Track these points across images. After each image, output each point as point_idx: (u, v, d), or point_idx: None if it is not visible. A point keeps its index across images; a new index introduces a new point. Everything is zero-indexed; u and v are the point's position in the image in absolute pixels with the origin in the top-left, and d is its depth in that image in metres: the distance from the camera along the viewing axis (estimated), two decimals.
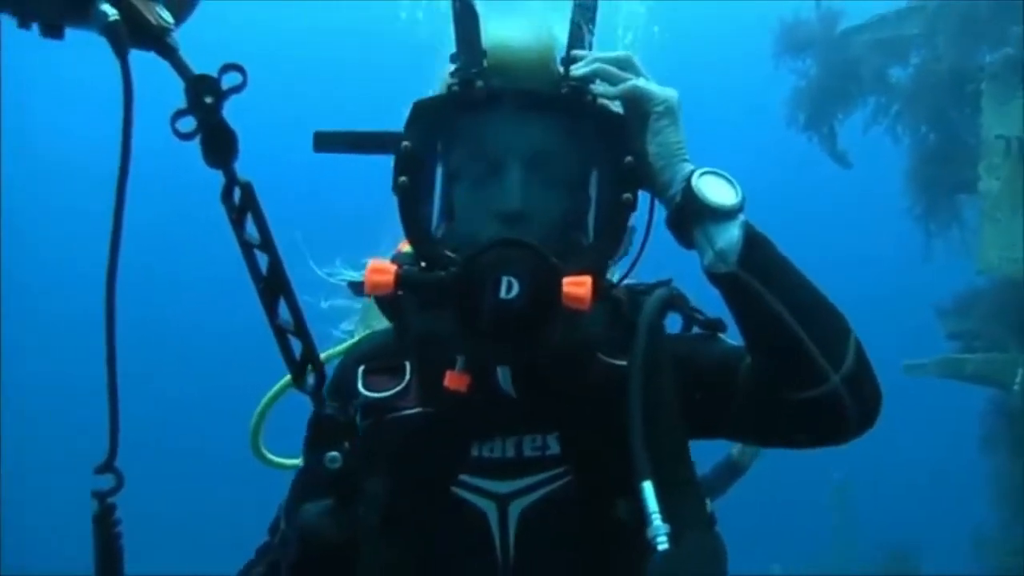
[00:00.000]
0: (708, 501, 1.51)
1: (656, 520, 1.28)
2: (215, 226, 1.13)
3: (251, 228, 1.10)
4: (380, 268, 1.33)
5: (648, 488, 1.29)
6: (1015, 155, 6.64)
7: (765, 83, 8.33)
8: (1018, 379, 6.54)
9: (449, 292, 1.29)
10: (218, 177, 1.04)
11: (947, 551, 7.63)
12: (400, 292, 1.35)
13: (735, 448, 3.60)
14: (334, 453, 1.27)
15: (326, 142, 1.44)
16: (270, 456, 1.84)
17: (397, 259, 1.44)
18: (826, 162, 8.40)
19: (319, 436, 1.29)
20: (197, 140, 0.99)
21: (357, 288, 1.51)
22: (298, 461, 1.58)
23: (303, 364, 1.21)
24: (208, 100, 0.96)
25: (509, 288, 1.25)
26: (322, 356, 1.65)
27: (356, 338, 1.63)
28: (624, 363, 1.39)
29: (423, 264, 1.38)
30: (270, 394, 1.70)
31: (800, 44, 8.23)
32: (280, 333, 1.17)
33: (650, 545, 1.28)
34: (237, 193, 1.05)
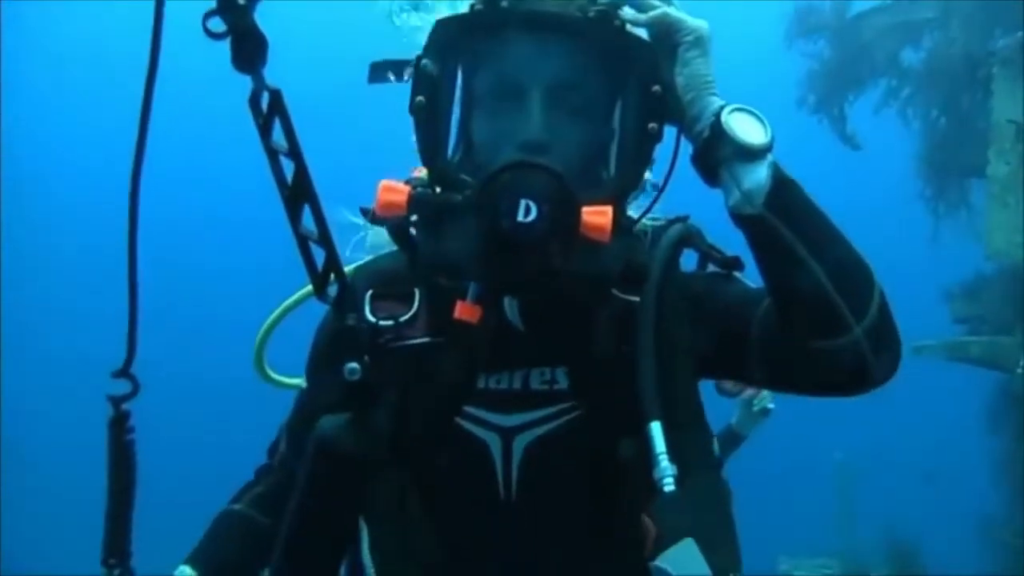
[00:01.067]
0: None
1: (663, 461, 1.26)
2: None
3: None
4: (393, 188, 1.29)
5: (656, 429, 1.28)
6: None
7: (773, 65, 8.31)
8: (1022, 363, 6.54)
9: (464, 214, 1.25)
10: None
11: (951, 534, 7.64)
12: (412, 216, 1.31)
13: (734, 418, 3.63)
14: (354, 364, 1.24)
15: (383, 71, 1.42)
16: (273, 375, 1.86)
17: (410, 181, 1.38)
18: (835, 143, 8.38)
19: (339, 347, 1.26)
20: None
21: (368, 213, 1.46)
22: (300, 381, 1.59)
23: (325, 273, 1.19)
24: (241, 1, 0.97)
25: (527, 211, 1.20)
26: None
27: (364, 260, 1.58)
28: (637, 299, 1.36)
29: (437, 189, 1.34)
30: (276, 313, 1.71)
31: (813, 28, 8.21)
32: (303, 242, 1.16)
33: (656, 486, 1.26)
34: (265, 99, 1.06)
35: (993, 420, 7.24)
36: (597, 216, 1.23)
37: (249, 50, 1.01)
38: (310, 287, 1.67)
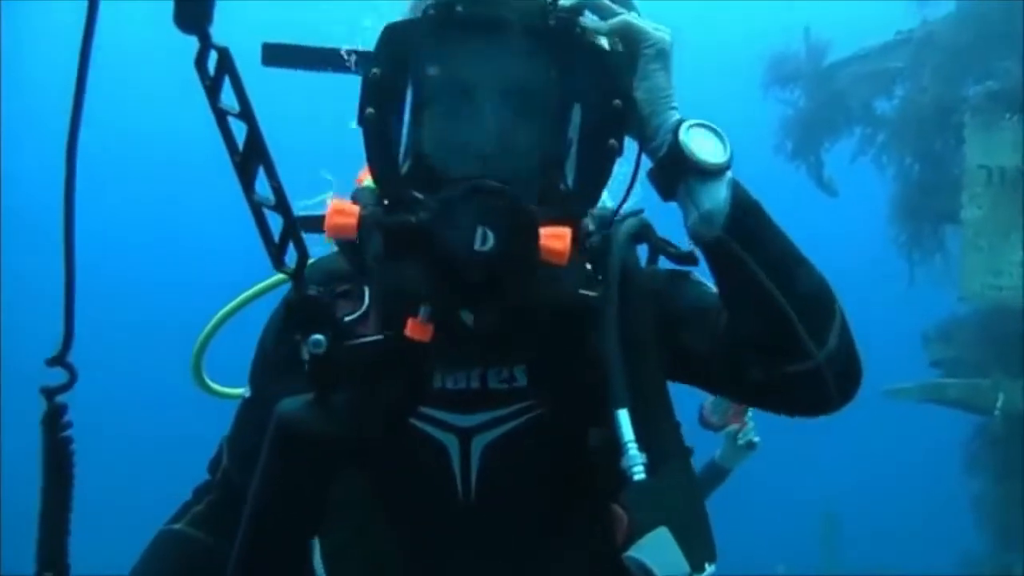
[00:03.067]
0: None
1: (632, 449, 1.22)
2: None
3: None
4: (343, 210, 1.22)
5: (624, 416, 1.24)
6: (997, 185, 6.74)
7: (751, 112, 8.44)
8: (999, 404, 6.56)
9: (418, 239, 1.18)
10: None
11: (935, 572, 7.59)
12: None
13: (718, 452, 3.60)
14: (318, 336, 1.19)
15: (278, 56, 1.34)
16: (213, 385, 1.76)
17: (357, 196, 1.34)
18: (813, 190, 8.48)
19: (301, 320, 1.21)
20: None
21: (311, 224, 1.36)
22: (242, 391, 1.50)
23: (283, 241, 1.13)
24: None
25: (484, 239, 1.14)
26: (272, 280, 1.59)
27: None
28: (594, 294, 1.32)
29: (387, 203, 1.27)
30: (214, 320, 1.63)
31: (788, 76, 8.36)
32: (257, 209, 1.09)
33: (625, 475, 1.22)
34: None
35: (971, 461, 7.23)
36: (555, 241, 1.18)
37: (194, 8, 0.98)
38: (248, 293, 1.63)
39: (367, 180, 1.36)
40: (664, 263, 1.48)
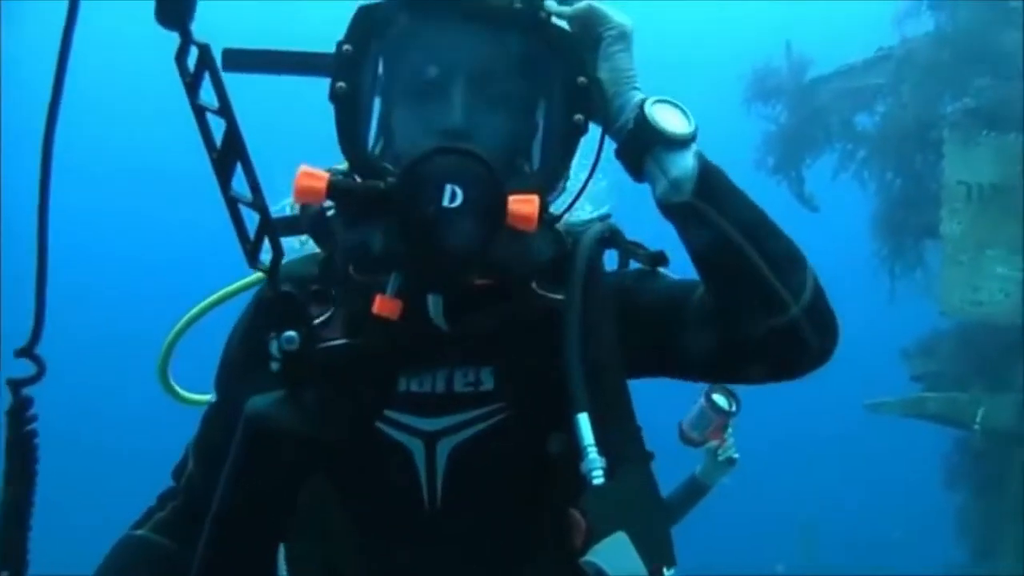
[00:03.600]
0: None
1: (592, 453, 1.23)
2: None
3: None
4: (312, 173, 1.22)
5: (584, 420, 1.25)
6: (976, 200, 6.80)
7: (732, 126, 8.49)
8: (978, 419, 6.60)
9: (386, 201, 1.20)
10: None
11: None
12: (331, 205, 1.26)
13: (698, 468, 3.59)
14: (291, 333, 1.20)
15: (239, 60, 1.32)
16: (180, 391, 1.74)
17: (329, 170, 1.32)
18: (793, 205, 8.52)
19: (274, 316, 1.22)
20: None
21: (287, 225, 1.37)
22: (209, 397, 1.50)
23: (259, 238, 1.13)
24: None
25: (453, 197, 1.17)
26: (238, 284, 1.57)
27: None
28: (560, 297, 1.34)
29: (357, 179, 1.28)
30: (179, 324, 1.61)
31: (770, 91, 8.42)
32: (233, 205, 1.10)
33: (585, 479, 1.23)
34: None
35: (951, 476, 7.26)
36: (523, 204, 1.21)
37: (175, 3, 0.98)
38: (214, 297, 1.60)
39: (341, 167, 1.36)
40: (635, 267, 1.49)
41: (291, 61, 1.35)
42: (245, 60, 1.33)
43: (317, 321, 1.34)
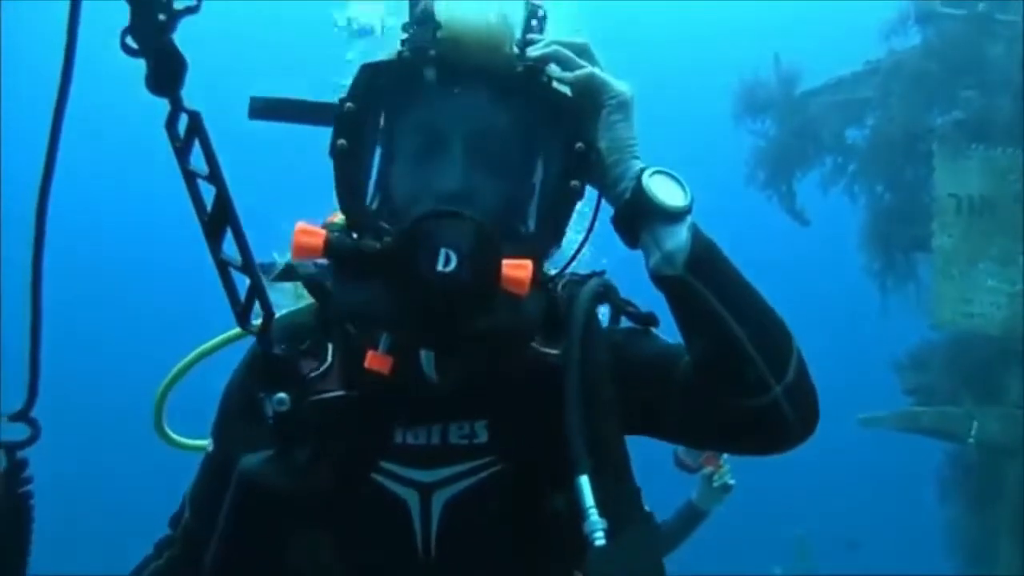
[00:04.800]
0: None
1: (593, 515, 1.22)
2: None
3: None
4: (309, 231, 1.23)
5: (585, 482, 1.24)
6: (966, 213, 6.83)
7: (722, 139, 8.52)
8: (972, 432, 6.61)
9: (382, 262, 1.20)
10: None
11: None
12: (327, 261, 1.27)
13: (695, 495, 3.59)
14: (282, 395, 1.21)
15: (264, 109, 1.36)
16: (174, 436, 1.76)
17: (326, 227, 1.34)
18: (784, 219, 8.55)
19: (266, 378, 1.23)
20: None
21: (274, 272, 1.39)
22: (205, 443, 1.50)
23: (249, 302, 1.13)
24: (160, 18, 0.93)
25: (447, 261, 1.17)
26: (235, 332, 1.58)
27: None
28: (556, 352, 1.34)
29: (354, 236, 1.29)
30: (174, 372, 1.63)
31: (760, 105, 8.43)
32: (224, 269, 1.10)
33: (586, 540, 1.23)
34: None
35: (944, 489, 7.27)
36: (517, 270, 1.21)
37: (167, 71, 0.98)
38: (209, 344, 1.63)
39: (338, 219, 1.38)
40: (626, 324, 1.49)
41: (313, 112, 1.37)
42: (271, 109, 1.36)
43: (313, 373, 1.35)
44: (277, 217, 1.33)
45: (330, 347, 1.39)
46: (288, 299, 1.49)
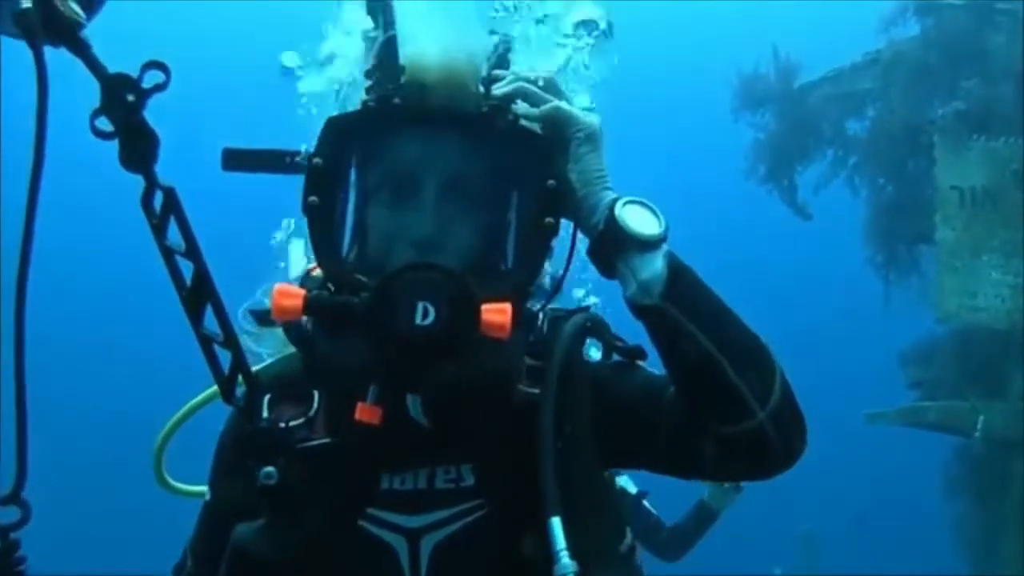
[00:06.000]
0: (629, 533, 1.47)
1: (564, 558, 1.23)
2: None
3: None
4: (288, 292, 1.25)
5: (556, 524, 1.24)
6: (969, 205, 6.78)
7: (726, 130, 8.46)
8: (979, 426, 6.58)
9: (361, 318, 1.22)
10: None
11: None
12: (308, 318, 1.29)
13: (707, 493, 3.60)
14: (270, 468, 1.23)
15: (237, 160, 1.38)
16: (174, 483, 1.78)
17: (305, 283, 1.38)
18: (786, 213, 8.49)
19: (250, 451, 1.25)
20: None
21: (261, 317, 1.43)
22: (204, 489, 1.52)
23: (232, 375, 1.15)
24: (129, 98, 0.92)
25: (425, 314, 1.19)
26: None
27: (262, 363, 1.52)
28: (538, 391, 1.33)
29: (332, 289, 1.32)
30: (175, 418, 1.65)
31: (759, 98, 8.37)
32: (206, 343, 1.12)
33: None
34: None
35: (951, 484, 7.24)
36: (496, 315, 1.22)
37: (139, 149, 0.97)
38: (203, 395, 1.65)
39: (316, 272, 1.40)
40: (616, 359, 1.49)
41: (284, 162, 1.38)
42: (244, 160, 1.38)
43: (299, 421, 1.37)
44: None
45: (316, 394, 1.40)
46: (277, 344, 1.49)
